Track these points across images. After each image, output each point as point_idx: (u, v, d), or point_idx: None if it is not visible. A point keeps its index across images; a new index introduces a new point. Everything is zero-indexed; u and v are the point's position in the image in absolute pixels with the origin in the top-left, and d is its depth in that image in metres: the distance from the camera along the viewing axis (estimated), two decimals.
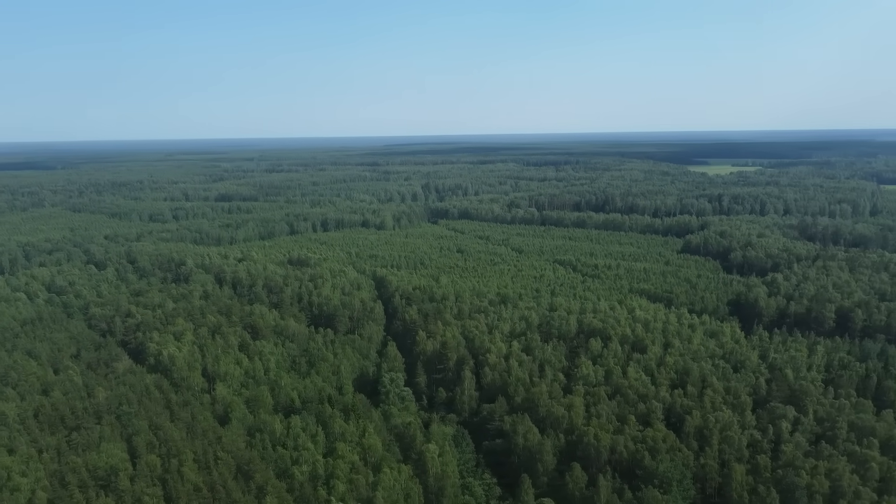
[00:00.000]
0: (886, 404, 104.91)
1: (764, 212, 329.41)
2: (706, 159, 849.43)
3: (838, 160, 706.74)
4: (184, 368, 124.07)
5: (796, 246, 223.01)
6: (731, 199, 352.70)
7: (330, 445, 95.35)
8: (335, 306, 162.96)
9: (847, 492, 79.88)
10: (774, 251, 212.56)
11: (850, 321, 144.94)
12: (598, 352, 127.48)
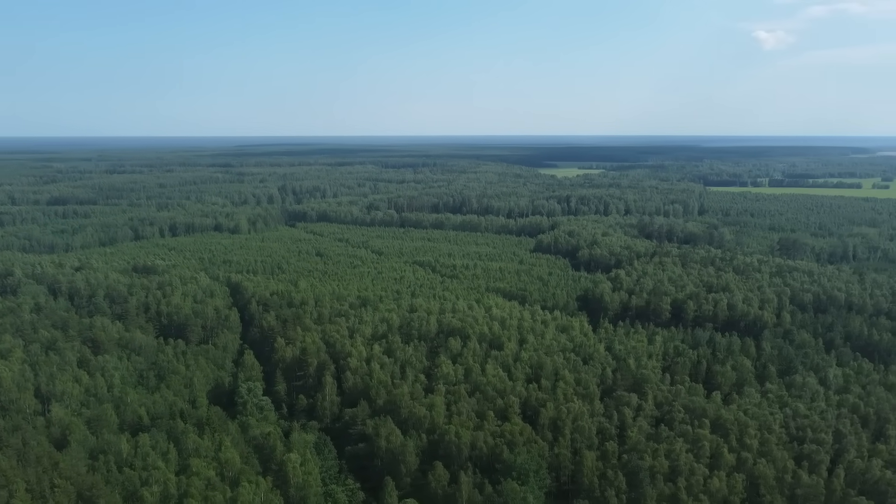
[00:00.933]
0: (715, 387, 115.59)
1: (607, 212, 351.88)
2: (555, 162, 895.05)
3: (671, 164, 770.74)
4: (12, 390, 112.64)
5: (636, 244, 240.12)
6: (578, 201, 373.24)
7: (183, 462, 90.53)
8: (186, 315, 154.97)
9: (684, 470, 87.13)
10: (617, 249, 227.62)
11: (683, 312, 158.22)
12: (457, 351, 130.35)
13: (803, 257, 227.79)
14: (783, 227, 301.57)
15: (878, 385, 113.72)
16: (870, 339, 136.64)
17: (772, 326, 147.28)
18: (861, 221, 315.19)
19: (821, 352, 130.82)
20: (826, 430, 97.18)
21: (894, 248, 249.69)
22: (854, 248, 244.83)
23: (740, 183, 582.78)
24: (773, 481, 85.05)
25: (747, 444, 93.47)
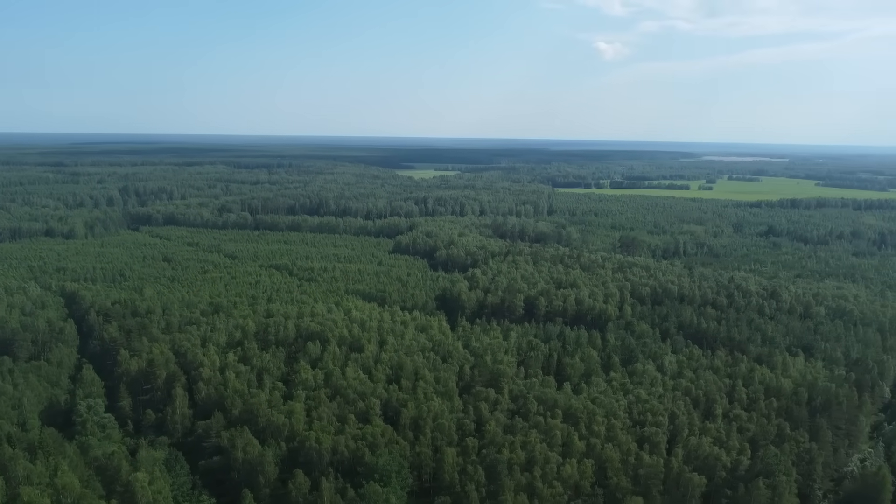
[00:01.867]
0: (565, 378, 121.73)
1: (463, 213, 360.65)
2: (413, 164, 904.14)
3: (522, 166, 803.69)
4: None
5: (491, 243, 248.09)
6: (435, 202, 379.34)
7: (12, 492, 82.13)
8: (13, 330, 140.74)
9: (539, 459, 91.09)
10: (473, 249, 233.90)
11: (536, 308, 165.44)
12: (317, 355, 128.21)
13: (641, 253, 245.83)
14: (623, 225, 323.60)
15: (706, 369, 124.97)
16: (699, 327, 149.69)
17: (615, 319, 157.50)
18: (689, 220, 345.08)
19: (658, 341, 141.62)
20: (664, 413, 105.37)
21: (718, 244, 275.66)
22: (684, 244, 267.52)
23: (585, 185, 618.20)
24: (619, 464, 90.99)
25: (595, 430, 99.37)
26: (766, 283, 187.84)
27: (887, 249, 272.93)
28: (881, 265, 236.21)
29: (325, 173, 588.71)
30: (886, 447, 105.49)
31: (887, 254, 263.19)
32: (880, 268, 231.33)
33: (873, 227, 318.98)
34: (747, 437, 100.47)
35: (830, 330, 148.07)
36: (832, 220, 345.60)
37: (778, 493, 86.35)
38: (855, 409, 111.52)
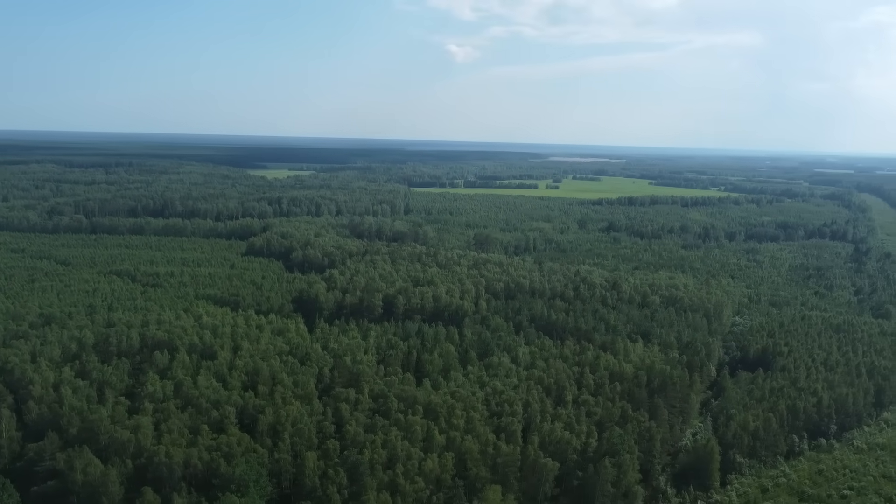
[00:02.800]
0: (425, 374, 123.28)
1: (319, 213, 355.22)
2: (265, 163, 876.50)
3: (378, 166, 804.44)
4: None
5: (348, 243, 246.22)
6: (289, 202, 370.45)
7: None
8: None
9: (401, 456, 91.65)
10: (330, 249, 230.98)
11: (394, 306, 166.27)
12: (165, 365, 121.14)
13: (494, 250, 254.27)
14: (477, 223, 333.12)
15: (557, 358, 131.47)
16: (549, 319, 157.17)
17: (471, 314, 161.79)
18: (539, 217, 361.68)
19: (512, 333, 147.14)
20: (519, 402, 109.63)
21: (564, 239, 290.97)
22: (534, 240, 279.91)
23: (440, 184, 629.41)
24: (478, 454, 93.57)
25: (455, 423, 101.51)
26: (609, 275, 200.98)
27: (710, 242, 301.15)
28: (705, 256, 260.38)
29: (169, 173, 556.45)
30: (714, 421, 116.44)
31: (710, 246, 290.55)
32: (705, 259, 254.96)
33: (698, 222, 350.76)
34: (594, 420, 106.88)
35: (664, 317, 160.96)
36: (664, 217, 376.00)
37: (623, 471, 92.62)
38: (687, 389, 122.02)
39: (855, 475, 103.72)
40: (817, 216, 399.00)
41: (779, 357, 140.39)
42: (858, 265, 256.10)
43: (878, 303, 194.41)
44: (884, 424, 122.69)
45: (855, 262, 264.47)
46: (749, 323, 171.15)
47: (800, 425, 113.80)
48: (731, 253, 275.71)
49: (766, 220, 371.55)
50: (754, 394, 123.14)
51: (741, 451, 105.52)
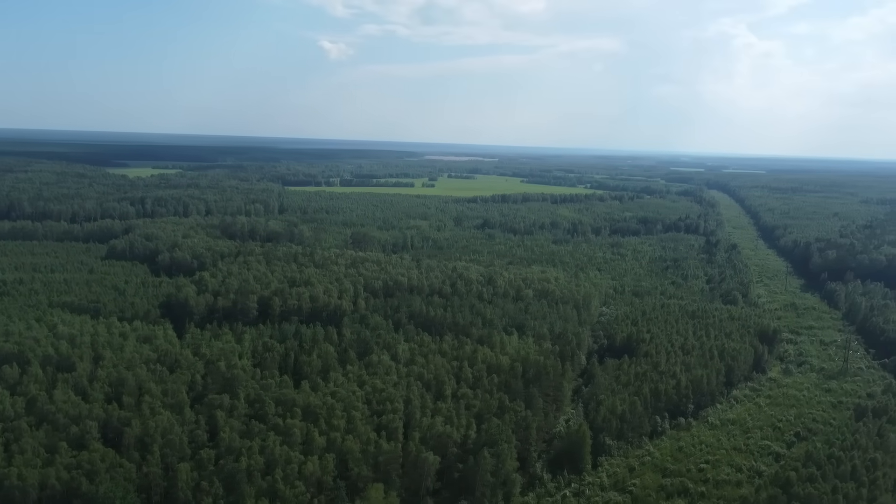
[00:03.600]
0: (304, 376, 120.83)
1: (187, 213, 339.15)
2: (126, 161, 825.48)
3: (250, 164, 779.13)
4: None
5: (219, 244, 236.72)
6: (154, 202, 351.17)
7: None
8: None
9: (279, 461, 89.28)
10: (200, 250, 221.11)
11: (270, 308, 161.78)
12: (15, 380, 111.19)
13: (372, 249, 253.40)
14: (354, 222, 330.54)
15: (436, 354, 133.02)
16: (428, 315, 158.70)
17: (350, 313, 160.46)
18: (416, 215, 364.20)
19: (391, 331, 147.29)
20: (399, 399, 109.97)
21: (441, 237, 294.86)
22: (411, 238, 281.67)
23: (315, 183, 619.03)
24: (360, 454, 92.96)
25: (335, 424, 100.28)
26: (484, 270, 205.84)
27: (578, 237, 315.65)
28: (574, 251, 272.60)
29: (15, 171, 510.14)
30: (585, 407, 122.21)
31: (578, 241, 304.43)
32: (573, 253, 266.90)
33: (567, 218, 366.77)
34: (473, 412, 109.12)
35: (538, 309, 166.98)
36: (535, 213, 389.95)
37: (501, 460, 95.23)
38: (560, 377, 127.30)
39: (710, 449, 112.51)
40: (673, 211, 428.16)
41: (642, 343, 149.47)
42: (709, 256, 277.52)
43: (726, 290, 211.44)
44: (733, 401, 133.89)
45: (706, 253, 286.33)
46: (615, 312, 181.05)
47: (662, 406, 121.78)
48: (597, 247, 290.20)
49: (629, 215, 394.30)
50: (621, 379, 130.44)
51: (610, 434, 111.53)
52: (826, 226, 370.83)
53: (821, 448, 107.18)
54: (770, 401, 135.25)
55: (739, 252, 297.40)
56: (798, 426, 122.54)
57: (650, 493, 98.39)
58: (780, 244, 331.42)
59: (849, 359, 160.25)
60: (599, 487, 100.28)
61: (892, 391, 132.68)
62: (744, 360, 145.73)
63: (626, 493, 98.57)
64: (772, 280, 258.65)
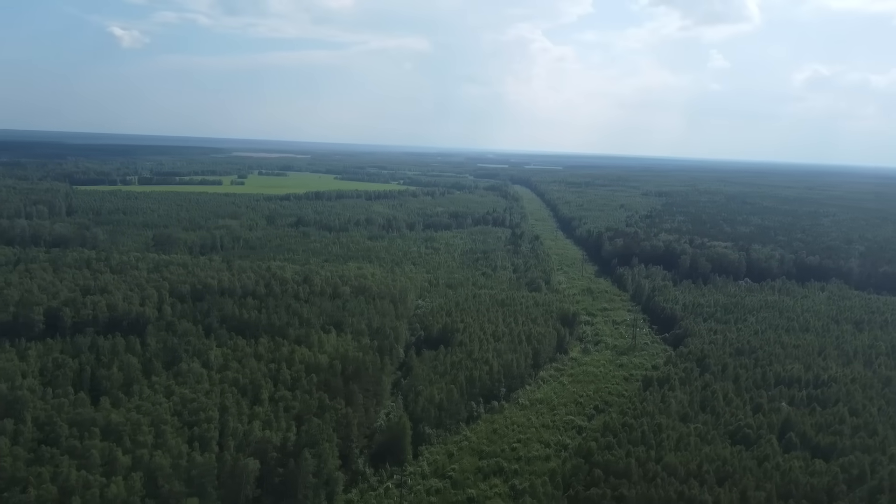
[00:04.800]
0: (103, 392, 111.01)
1: None
2: None
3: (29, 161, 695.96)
4: None
5: None
6: None
7: None
8: None
9: (76, 487, 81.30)
10: None
11: (60, 320, 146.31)
12: None
13: (178, 251, 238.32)
14: (156, 223, 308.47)
15: (251, 357, 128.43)
16: (241, 318, 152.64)
17: (154, 321, 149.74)
18: (225, 214, 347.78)
19: (202, 337, 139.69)
20: (213, 408, 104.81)
21: (253, 236, 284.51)
22: (221, 238, 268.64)
23: (110, 181, 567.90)
24: (170, 469, 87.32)
25: (142, 441, 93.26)
26: (300, 269, 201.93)
27: (393, 232, 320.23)
28: (389, 246, 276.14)
29: None
30: (404, 399, 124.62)
31: (393, 236, 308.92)
32: (389, 248, 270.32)
33: (382, 214, 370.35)
34: (293, 414, 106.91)
35: (355, 305, 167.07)
36: (350, 210, 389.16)
37: (323, 460, 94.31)
38: (379, 372, 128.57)
39: (521, 428, 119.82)
40: (481, 205, 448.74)
41: (456, 333, 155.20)
42: (515, 247, 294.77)
43: (531, 278, 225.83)
44: (541, 382, 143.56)
45: (512, 244, 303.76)
46: (430, 305, 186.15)
47: (476, 392, 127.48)
48: (412, 242, 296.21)
49: (441, 210, 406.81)
50: (438, 369, 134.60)
51: (429, 423, 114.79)
52: (614, 216, 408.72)
53: (616, 418, 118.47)
54: (572, 379, 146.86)
55: (542, 243, 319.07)
56: (597, 400, 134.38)
57: (468, 476, 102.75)
58: (577, 234, 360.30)
59: (637, 336, 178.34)
60: (421, 476, 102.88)
61: (672, 362, 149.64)
62: (548, 342, 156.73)
63: (447, 478, 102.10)
64: (570, 267, 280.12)
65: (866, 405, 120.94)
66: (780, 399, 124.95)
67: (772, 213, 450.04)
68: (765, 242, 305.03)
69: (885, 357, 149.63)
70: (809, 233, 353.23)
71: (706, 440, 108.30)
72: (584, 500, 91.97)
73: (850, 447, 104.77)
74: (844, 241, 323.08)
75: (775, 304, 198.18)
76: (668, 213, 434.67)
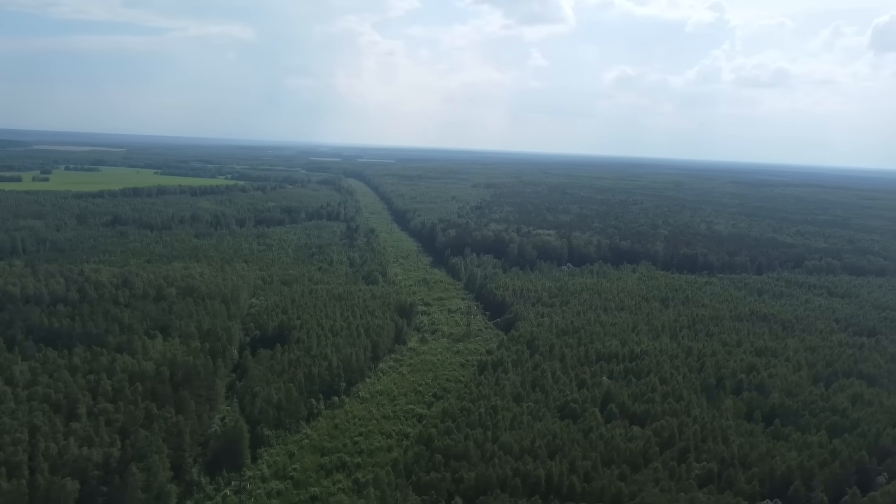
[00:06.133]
0: None
1: None
2: None
3: None
4: None
5: None
6: None
7: None
8: None
9: None
10: None
11: None
12: None
13: None
14: None
15: (64, 370, 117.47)
16: (51, 327, 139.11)
17: None
18: (27, 214, 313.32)
19: (4, 351, 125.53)
20: (21, 428, 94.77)
21: (62, 237, 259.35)
22: (23, 241, 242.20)
23: None
24: None
25: None
26: (118, 271, 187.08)
27: (222, 230, 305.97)
28: (219, 244, 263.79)
29: None
30: (240, 402, 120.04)
31: (223, 233, 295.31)
32: (218, 246, 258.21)
33: (209, 211, 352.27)
34: (116, 427, 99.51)
35: (183, 308, 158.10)
36: (173, 206, 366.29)
37: (153, 473, 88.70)
38: (212, 376, 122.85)
39: (363, 422, 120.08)
40: (315, 200, 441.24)
41: (294, 330, 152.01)
42: (351, 241, 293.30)
43: (368, 272, 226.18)
44: (380, 373, 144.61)
45: (348, 238, 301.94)
46: (265, 303, 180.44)
47: (316, 389, 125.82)
48: (243, 238, 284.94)
49: (272, 205, 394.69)
50: (275, 368, 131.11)
51: (268, 424, 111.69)
52: (447, 208, 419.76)
53: (454, 403, 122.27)
54: (411, 368, 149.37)
55: (377, 236, 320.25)
56: (435, 387, 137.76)
57: (311, 474, 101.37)
58: (411, 226, 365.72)
59: (471, 322, 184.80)
60: (261, 479, 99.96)
61: (505, 346, 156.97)
62: (387, 334, 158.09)
63: (288, 479, 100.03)
64: (406, 259, 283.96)
65: (673, 374, 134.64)
66: (602, 374, 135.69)
67: (589, 203, 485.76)
68: (583, 229, 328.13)
69: (687, 329, 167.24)
70: (621, 219, 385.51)
71: (538, 417, 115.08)
72: (425, 485, 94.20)
73: (661, 412, 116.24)
74: (651, 227, 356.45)
75: (594, 287, 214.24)
76: (496, 204, 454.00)
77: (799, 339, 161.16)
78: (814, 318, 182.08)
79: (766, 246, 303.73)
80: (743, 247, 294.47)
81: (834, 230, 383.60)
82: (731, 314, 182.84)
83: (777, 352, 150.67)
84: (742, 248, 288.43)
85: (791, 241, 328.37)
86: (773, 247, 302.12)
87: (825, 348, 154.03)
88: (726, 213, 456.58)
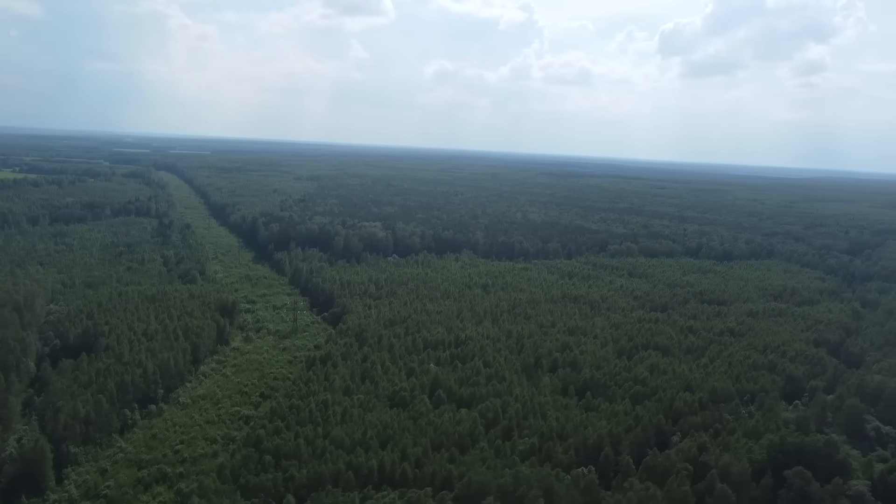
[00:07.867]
0: None
1: None
2: None
3: None
4: None
5: None
6: None
7: None
8: None
9: None
10: None
11: None
12: None
13: None
14: None
15: None
16: None
17: None
18: None
19: None
20: None
21: None
22: None
23: None
24: None
25: None
26: None
27: (11, 229, 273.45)
28: (7, 245, 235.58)
29: None
30: (40, 419, 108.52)
31: (12, 233, 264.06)
32: (6, 247, 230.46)
33: None
34: None
35: None
36: None
37: None
38: (4, 392, 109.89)
39: (184, 429, 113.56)
40: (121, 194, 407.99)
41: (101, 337, 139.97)
42: (164, 238, 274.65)
43: (184, 270, 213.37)
44: (202, 377, 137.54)
45: (161, 235, 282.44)
46: (66, 309, 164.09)
47: (130, 398, 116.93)
48: (36, 238, 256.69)
49: (71, 200, 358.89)
50: (80, 379, 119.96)
51: (75, 441, 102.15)
52: (269, 201, 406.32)
53: (283, 402, 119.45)
54: (236, 369, 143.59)
55: (193, 231, 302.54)
56: (262, 387, 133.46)
57: (127, 490, 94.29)
58: (231, 221, 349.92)
59: (297, 318, 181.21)
60: (69, 501, 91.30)
61: (333, 340, 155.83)
62: (208, 335, 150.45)
63: (101, 497, 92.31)
64: (226, 255, 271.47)
65: (496, 356, 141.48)
66: (429, 361, 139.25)
67: (412, 194, 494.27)
68: (408, 221, 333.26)
69: (507, 314, 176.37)
70: (444, 210, 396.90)
71: (368, 409, 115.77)
72: (254, 487, 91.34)
73: (486, 394, 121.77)
74: (471, 217, 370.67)
75: (420, 276, 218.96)
76: (320, 197, 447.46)
77: (605, 317, 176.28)
78: (617, 297, 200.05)
79: (574, 232, 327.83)
80: (554, 234, 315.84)
81: (631, 217, 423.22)
82: (546, 297, 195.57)
83: (587, 330, 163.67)
84: (553, 235, 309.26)
85: (596, 228, 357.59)
86: (580, 233, 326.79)
87: (627, 324, 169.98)
88: (539, 202, 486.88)
